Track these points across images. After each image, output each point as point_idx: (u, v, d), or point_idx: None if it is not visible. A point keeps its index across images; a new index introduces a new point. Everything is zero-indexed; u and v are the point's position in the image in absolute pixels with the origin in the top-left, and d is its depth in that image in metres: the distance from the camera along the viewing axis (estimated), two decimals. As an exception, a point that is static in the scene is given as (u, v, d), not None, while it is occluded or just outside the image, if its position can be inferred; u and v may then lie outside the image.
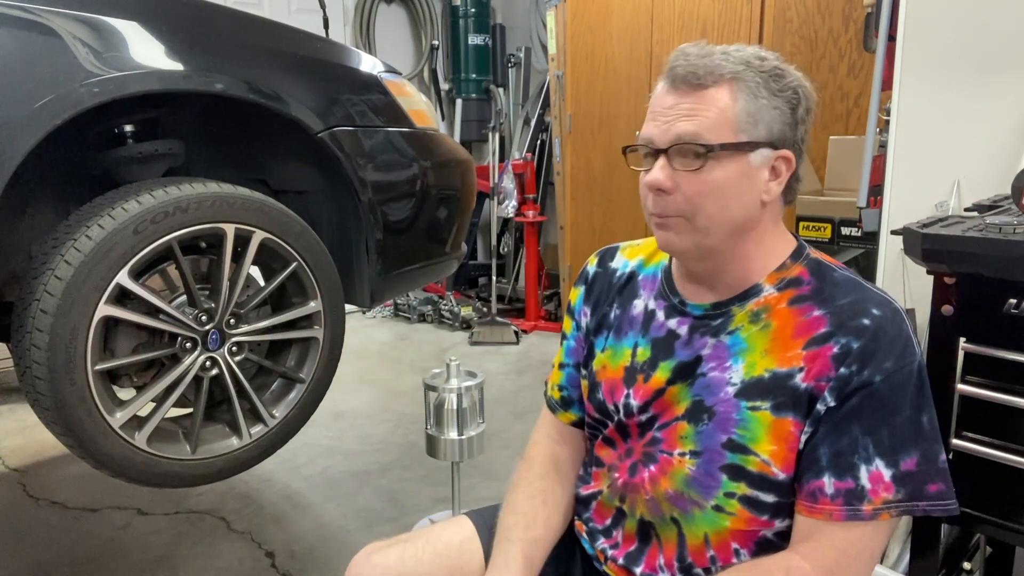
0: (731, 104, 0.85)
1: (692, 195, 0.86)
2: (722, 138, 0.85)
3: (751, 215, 0.89)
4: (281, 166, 1.87)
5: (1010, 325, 1.12)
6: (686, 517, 0.93)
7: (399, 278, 1.93)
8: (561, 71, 4.09)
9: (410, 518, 2.23)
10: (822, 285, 0.90)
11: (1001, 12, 1.62)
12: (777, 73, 0.87)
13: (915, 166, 1.77)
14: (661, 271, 1.03)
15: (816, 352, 0.85)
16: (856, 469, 0.83)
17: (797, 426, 0.86)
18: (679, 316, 0.97)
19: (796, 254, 0.94)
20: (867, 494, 0.83)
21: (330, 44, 1.89)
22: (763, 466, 0.87)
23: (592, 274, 1.11)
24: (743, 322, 0.92)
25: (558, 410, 1.14)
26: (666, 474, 0.94)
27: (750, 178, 0.87)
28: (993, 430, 1.16)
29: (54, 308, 1.31)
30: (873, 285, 0.91)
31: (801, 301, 0.89)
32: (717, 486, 0.90)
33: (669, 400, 0.95)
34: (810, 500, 0.85)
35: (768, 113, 0.86)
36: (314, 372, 1.73)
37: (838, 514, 0.83)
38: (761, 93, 0.86)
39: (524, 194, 4.42)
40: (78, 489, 2.47)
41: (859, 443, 0.83)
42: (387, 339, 4.29)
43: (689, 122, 0.85)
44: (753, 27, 3.30)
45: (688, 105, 0.86)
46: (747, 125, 0.85)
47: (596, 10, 3.87)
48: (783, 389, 0.87)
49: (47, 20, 1.29)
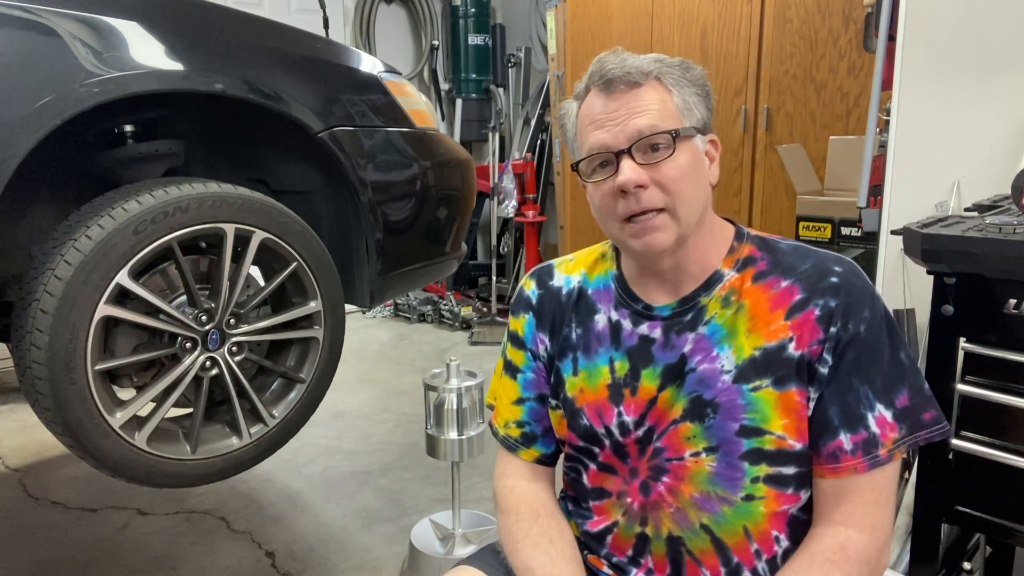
0: (667, 95, 0.89)
1: (668, 183, 0.88)
2: (676, 124, 0.88)
3: (707, 199, 0.93)
4: (281, 166, 1.87)
5: (1010, 325, 1.12)
6: (716, 519, 0.91)
7: (399, 278, 1.93)
8: (561, 71, 4.09)
9: (410, 518, 2.23)
10: (776, 257, 0.93)
11: (1001, 13, 1.63)
12: (686, 66, 0.91)
13: (915, 166, 1.77)
14: (613, 280, 1.00)
15: (800, 319, 0.88)
16: (865, 419, 0.86)
17: (803, 394, 0.88)
18: (648, 321, 0.96)
19: (739, 235, 0.96)
20: (879, 439, 0.86)
21: (330, 44, 1.89)
22: (779, 442, 0.88)
23: (536, 298, 1.05)
24: (716, 309, 0.92)
25: (519, 448, 1.06)
26: (684, 479, 0.92)
27: (700, 161, 0.91)
28: (993, 430, 1.16)
29: (54, 308, 1.31)
30: (815, 248, 0.95)
31: (764, 276, 0.92)
32: (742, 476, 0.89)
33: (663, 407, 0.93)
34: (832, 461, 0.87)
35: (694, 100, 0.91)
36: (314, 372, 1.73)
37: (862, 466, 0.86)
38: (684, 84, 0.90)
39: (524, 194, 4.42)
40: (78, 489, 2.48)
41: (860, 393, 0.87)
42: (387, 339, 4.29)
43: (642, 118, 0.88)
44: (753, 27, 3.30)
45: (632, 104, 0.88)
46: (686, 113, 0.90)
47: (596, 10, 3.88)
48: (779, 362, 0.88)
49: (47, 20, 1.29)
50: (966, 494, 1.20)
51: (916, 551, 1.29)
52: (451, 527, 2.02)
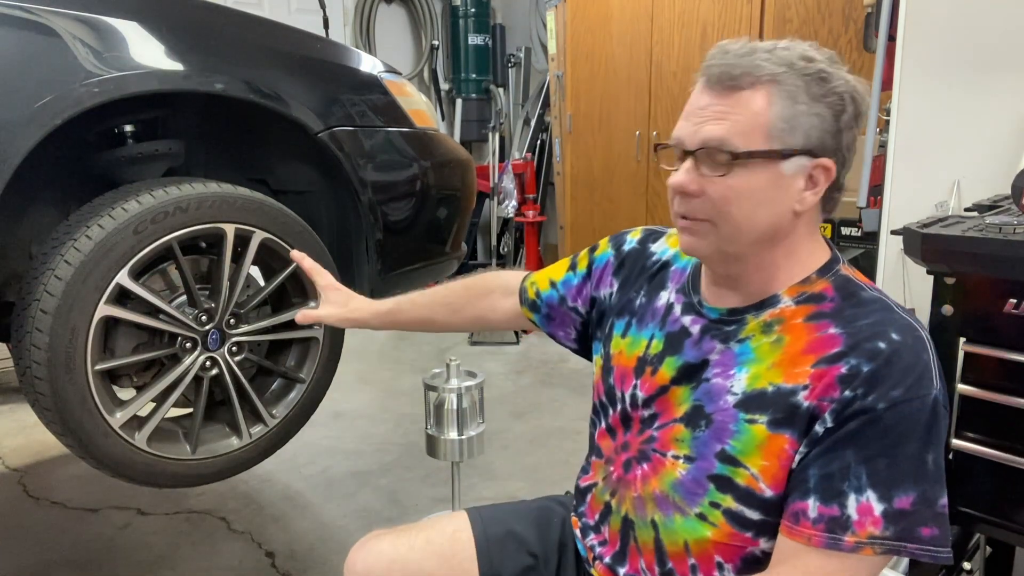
0: (766, 108, 0.80)
1: (717, 201, 0.83)
2: (752, 144, 0.81)
3: (781, 224, 0.85)
4: (281, 166, 1.87)
5: (1010, 325, 1.12)
6: (666, 522, 0.92)
7: (399, 278, 1.93)
8: (561, 71, 4.09)
9: (410, 518, 2.23)
10: (845, 304, 0.85)
11: (1000, 12, 1.63)
12: (822, 76, 0.81)
13: (915, 166, 1.77)
14: (691, 266, 1.00)
15: (824, 371, 0.81)
16: (844, 497, 0.78)
17: (792, 444, 0.82)
18: (694, 315, 0.95)
19: (825, 268, 0.89)
20: (852, 525, 0.78)
21: (330, 44, 1.89)
22: (751, 480, 0.85)
23: (629, 249, 1.09)
24: (754, 332, 0.89)
25: (524, 305, 1.18)
26: (657, 474, 0.94)
27: (782, 187, 0.83)
28: (993, 430, 1.16)
29: (54, 308, 1.31)
30: (903, 308, 0.86)
31: (819, 318, 0.85)
32: (703, 494, 0.88)
33: (671, 400, 0.94)
34: (792, 521, 0.81)
35: (807, 120, 0.81)
36: (314, 372, 1.73)
37: (817, 539, 0.79)
38: (801, 98, 0.81)
39: (524, 194, 4.42)
40: (78, 489, 2.47)
41: (851, 470, 0.78)
42: (387, 339, 4.29)
43: (718, 125, 0.82)
44: (753, 27, 3.30)
45: (720, 107, 0.82)
46: (782, 132, 0.81)
47: (596, 10, 3.88)
48: (783, 405, 0.83)
49: (47, 20, 1.29)
50: (966, 494, 1.20)
51: (916, 551, 1.29)
52: (451, 527, 2.01)
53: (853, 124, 0.84)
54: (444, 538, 1.09)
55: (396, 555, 1.07)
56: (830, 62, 0.83)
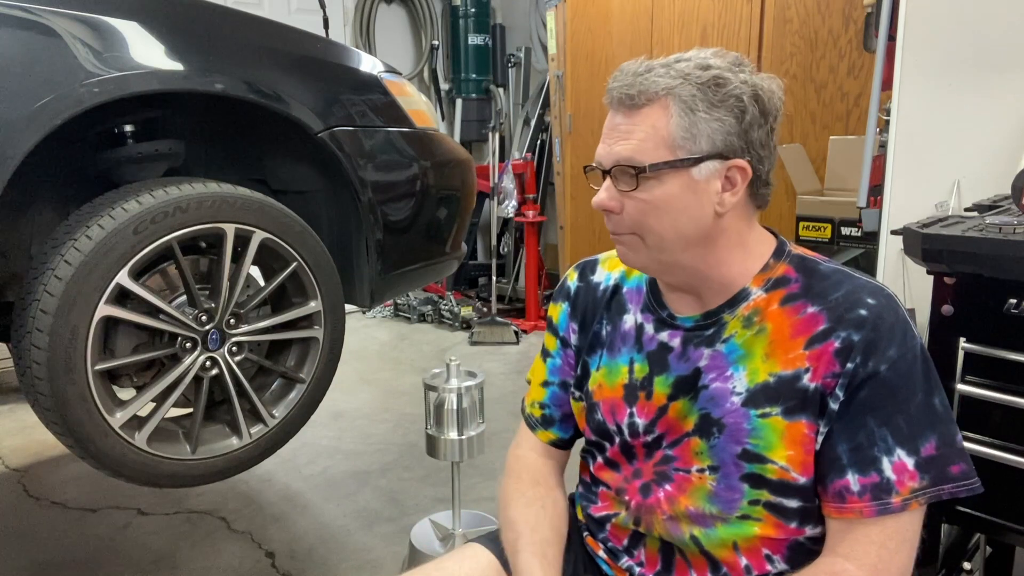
0: (665, 122, 0.84)
1: (636, 215, 0.87)
2: (657, 157, 0.84)
3: (705, 227, 0.87)
4: (281, 166, 1.87)
5: (1010, 325, 1.12)
6: (708, 533, 0.91)
7: (399, 278, 1.93)
8: (561, 71, 4.09)
9: (410, 518, 2.23)
10: (810, 281, 0.89)
11: (1001, 12, 1.63)
12: (718, 83, 0.84)
13: (915, 166, 1.77)
14: (645, 283, 1.01)
15: (819, 350, 0.84)
16: (879, 462, 0.82)
17: (811, 428, 0.85)
18: (669, 329, 0.95)
19: (778, 252, 0.92)
20: (893, 485, 0.81)
21: (330, 44, 1.89)
22: (782, 472, 0.86)
23: (574, 289, 1.08)
24: (736, 328, 0.90)
25: (538, 428, 1.12)
26: (685, 492, 0.92)
27: (697, 192, 0.85)
28: (993, 430, 1.16)
29: (54, 308, 1.31)
30: (861, 273, 0.90)
31: (792, 300, 0.88)
32: (740, 497, 0.88)
33: (674, 417, 0.93)
34: (838, 501, 0.84)
35: (707, 126, 0.84)
36: (314, 372, 1.73)
37: (868, 510, 0.82)
38: (698, 106, 0.83)
39: (524, 194, 4.41)
40: (78, 489, 2.47)
41: (876, 435, 0.82)
42: (387, 339, 4.29)
43: (625, 144, 0.86)
44: (753, 27, 3.30)
45: (626, 126, 0.86)
46: (684, 140, 0.84)
47: (596, 10, 3.88)
48: (792, 392, 0.85)
49: (47, 20, 1.29)
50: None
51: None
52: (451, 527, 2.02)
53: (761, 122, 0.86)
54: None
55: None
56: (732, 66, 0.86)
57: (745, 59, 0.88)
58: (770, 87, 0.87)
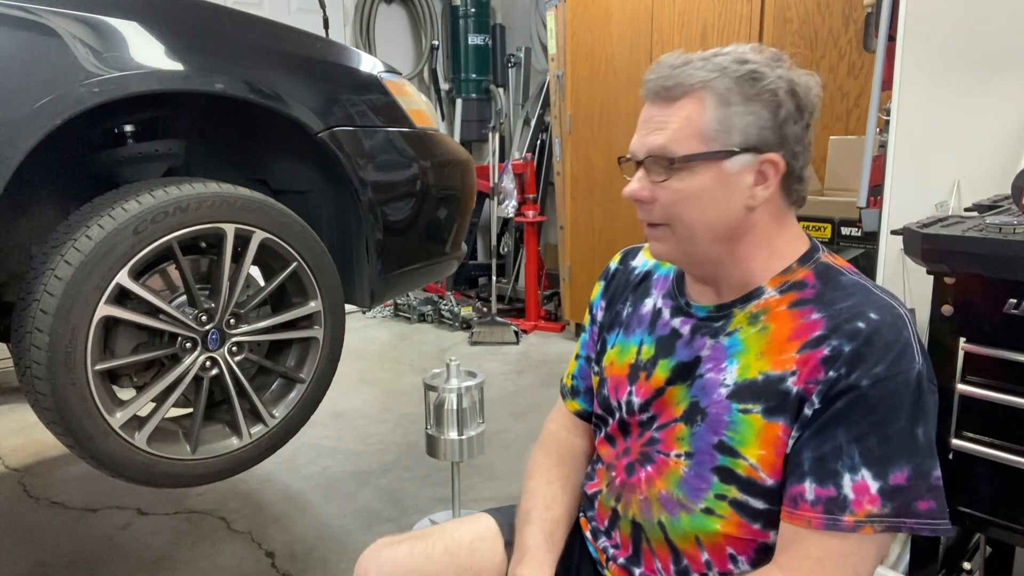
0: (699, 114, 0.85)
1: (667, 204, 0.89)
2: (689, 149, 0.85)
3: (736, 221, 0.88)
4: (281, 166, 1.87)
5: (1010, 325, 1.12)
6: (672, 522, 0.92)
7: (399, 278, 1.93)
8: (561, 71, 4.09)
9: (410, 518, 2.23)
10: (825, 289, 0.88)
11: (1001, 12, 1.62)
12: (754, 76, 0.85)
13: (915, 166, 1.77)
14: (674, 271, 1.04)
15: (808, 355, 0.84)
16: (839, 476, 0.80)
17: (785, 431, 0.84)
18: (683, 316, 0.98)
19: (805, 257, 0.92)
20: (850, 504, 0.79)
21: (330, 44, 1.89)
22: (751, 471, 0.86)
23: (613, 271, 1.13)
24: (742, 324, 0.91)
25: (567, 397, 1.17)
26: (662, 475, 0.94)
27: (728, 185, 0.86)
28: (993, 430, 1.16)
29: (54, 308, 1.31)
30: (882, 290, 0.88)
31: (802, 304, 0.88)
32: (707, 488, 0.89)
33: (668, 400, 0.95)
34: (791, 505, 0.83)
35: (742, 119, 0.85)
36: (314, 372, 1.73)
37: (816, 521, 0.80)
38: (733, 99, 0.84)
39: (524, 194, 4.42)
40: (78, 489, 2.47)
41: (843, 450, 0.80)
42: (387, 339, 4.29)
43: (659, 135, 0.87)
44: (753, 27, 3.30)
45: (660, 118, 0.88)
46: (718, 133, 0.85)
47: (596, 10, 3.87)
48: (775, 392, 0.85)
49: (47, 20, 1.29)
50: (966, 494, 1.20)
51: (916, 551, 1.29)
52: (451, 527, 2.01)
53: (797, 117, 0.87)
54: (463, 548, 1.08)
55: (413, 565, 1.05)
56: (769, 61, 0.87)
57: (784, 55, 0.90)
58: (807, 83, 0.89)
